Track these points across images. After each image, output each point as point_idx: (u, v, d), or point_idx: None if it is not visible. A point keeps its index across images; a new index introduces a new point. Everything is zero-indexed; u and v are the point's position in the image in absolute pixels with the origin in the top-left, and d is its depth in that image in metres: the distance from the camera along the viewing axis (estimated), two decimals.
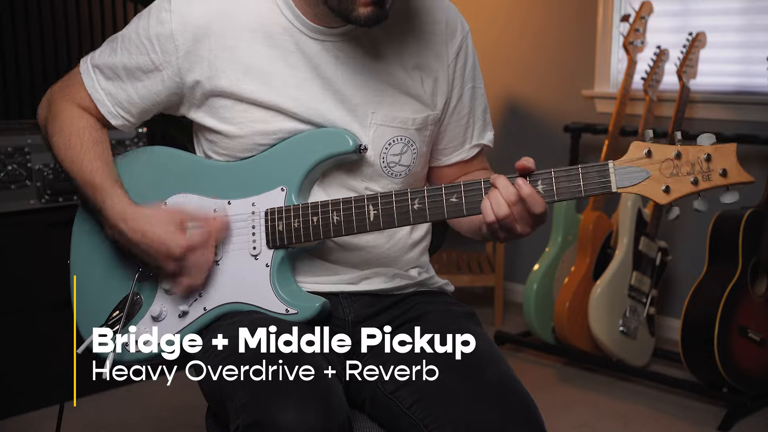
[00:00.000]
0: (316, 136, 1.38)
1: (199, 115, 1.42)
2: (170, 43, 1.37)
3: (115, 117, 1.45)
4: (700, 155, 1.19)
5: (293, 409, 1.16)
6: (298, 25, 1.37)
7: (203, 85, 1.38)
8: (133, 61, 1.41)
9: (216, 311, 1.40)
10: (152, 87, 1.41)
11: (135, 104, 1.44)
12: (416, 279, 1.50)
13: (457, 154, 1.52)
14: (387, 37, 1.40)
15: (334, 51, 1.38)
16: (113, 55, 1.43)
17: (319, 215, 1.35)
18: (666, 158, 1.20)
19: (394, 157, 1.42)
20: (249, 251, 1.39)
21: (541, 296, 3.11)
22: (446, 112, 1.47)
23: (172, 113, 1.47)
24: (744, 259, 2.73)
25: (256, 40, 1.37)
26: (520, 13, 3.77)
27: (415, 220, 1.30)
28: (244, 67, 1.37)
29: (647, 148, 1.20)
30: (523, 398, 1.29)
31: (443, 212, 1.29)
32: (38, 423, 2.64)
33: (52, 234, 2.66)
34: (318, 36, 1.37)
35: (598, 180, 1.21)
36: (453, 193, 1.28)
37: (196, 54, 1.37)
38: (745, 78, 3.16)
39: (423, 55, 1.42)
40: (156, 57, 1.39)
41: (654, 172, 1.20)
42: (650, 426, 2.67)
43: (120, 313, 1.43)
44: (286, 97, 1.37)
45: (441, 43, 1.43)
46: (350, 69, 1.38)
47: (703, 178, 1.19)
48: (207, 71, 1.37)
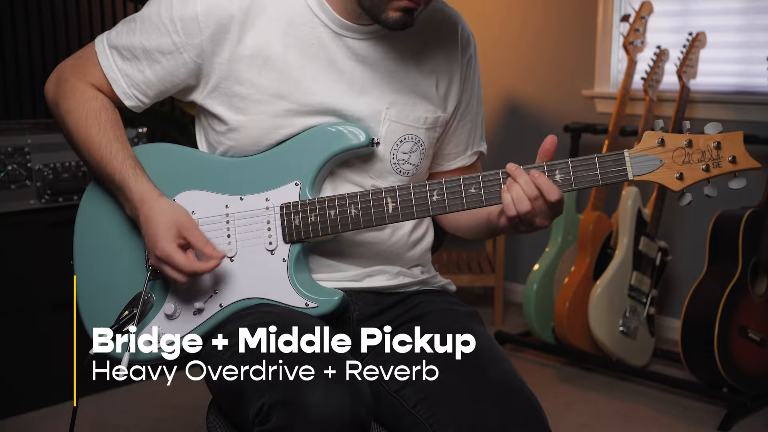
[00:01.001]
0: (328, 130, 1.39)
1: (211, 101, 1.42)
2: (194, 25, 1.37)
3: (129, 98, 1.44)
4: (710, 143, 1.24)
5: (322, 390, 1.17)
6: (324, 19, 1.38)
7: (223, 70, 1.38)
8: (153, 42, 1.40)
9: (233, 307, 1.39)
10: (171, 69, 1.40)
11: (152, 86, 1.43)
12: (419, 277, 1.50)
13: (460, 159, 1.55)
14: (407, 40, 1.43)
15: (354, 48, 1.39)
16: (131, 35, 1.42)
17: (336, 209, 1.35)
18: (678, 147, 1.25)
19: (404, 155, 1.43)
20: (265, 246, 1.39)
21: (541, 296, 3.11)
22: (455, 117, 1.50)
23: (182, 98, 1.46)
24: (744, 259, 2.73)
25: (278, 30, 1.37)
26: (519, 13, 3.77)
27: (434, 212, 1.32)
28: (264, 56, 1.37)
29: (660, 137, 1.25)
30: (527, 397, 1.29)
31: (463, 203, 1.30)
32: (38, 423, 2.64)
33: (52, 234, 2.66)
34: (342, 31, 1.38)
35: (614, 168, 1.26)
36: (471, 184, 1.30)
37: (221, 37, 1.37)
38: (745, 78, 3.16)
39: (440, 60, 1.46)
40: (178, 38, 1.38)
41: (667, 160, 1.25)
42: (650, 426, 2.67)
43: (130, 313, 1.42)
44: (302, 89, 1.38)
45: (456, 50, 1.47)
46: (368, 66, 1.40)
47: (714, 165, 1.25)
48: (228, 56, 1.37)
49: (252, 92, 1.38)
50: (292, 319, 1.32)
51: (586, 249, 3.04)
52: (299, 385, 1.18)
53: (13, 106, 3.13)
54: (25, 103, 3.16)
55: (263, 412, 1.20)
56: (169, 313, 1.41)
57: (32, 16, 3.15)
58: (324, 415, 1.15)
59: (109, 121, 1.43)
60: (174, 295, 1.42)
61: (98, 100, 1.44)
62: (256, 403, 1.21)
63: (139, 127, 2.88)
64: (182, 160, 1.46)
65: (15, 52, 3.12)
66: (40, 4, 3.16)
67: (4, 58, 3.10)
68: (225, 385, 1.33)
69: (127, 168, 1.40)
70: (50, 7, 3.19)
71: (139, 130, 2.87)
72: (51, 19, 3.20)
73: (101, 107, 1.44)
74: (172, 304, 1.41)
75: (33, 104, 3.17)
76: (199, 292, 1.41)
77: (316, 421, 1.15)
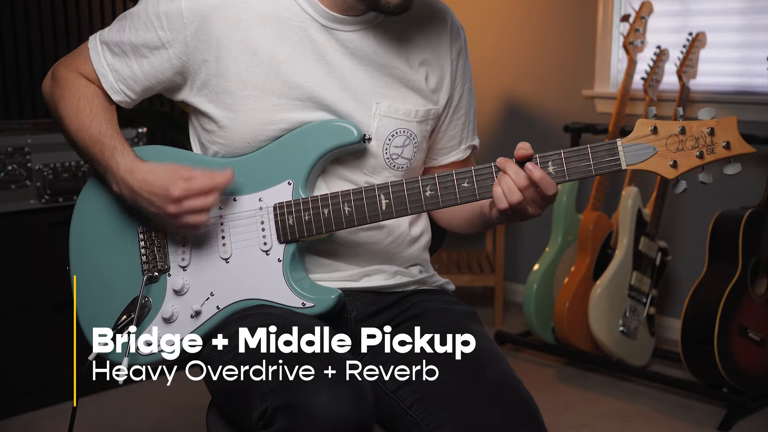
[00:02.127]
0: (319, 128, 1.38)
1: (199, 99, 1.42)
2: (179, 21, 1.37)
3: (116, 92, 1.46)
4: (704, 129, 1.22)
5: (327, 394, 1.17)
6: (312, 12, 1.38)
7: (210, 66, 1.38)
8: (140, 38, 1.41)
9: (230, 309, 1.39)
10: (157, 64, 1.41)
11: (138, 81, 1.44)
12: (417, 277, 1.50)
13: (454, 153, 1.55)
14: (396, 32, 1.43)
15: (344, 41, 1.39)
16: (121, 32, 1.44)
17: (329, 207, 1.35)
18: (671, 134, 1.23)
19: (397, 149, 1.43)
20: (259, 247, 1.39)
21: (541, 296, 3.11)
22: (448, 110, 1.50)
23: (171, 96, 1.47)
24: (744, 259, 2.73)
25: (265, 25, 1.37)
26: (519, 13, 3.77)
27: (428, 207, 1.32)
28: (252, 51, 1.37)
29: (652, 125, 1.24)
30: (524, 397, 1.29)
31: (456, 197, 1.30)
32: (38, 423, 2.64)
33: (52, 234, 2.66)
34: (330, 24, 1.38)
35: (607, 158, 1.24)
36: (464, 178, 1.29)
37: (205, 33, 1.37)
38: (745, 78, 3.16)
39: (430, 52, 1.45)
40: (163, 34, 1.39)
41: (660, 148, 1.23)
42: (650, 426, 2.67)
43: (128, 317, 1.42)
44: (292, 84, 1.38)
45: (446, 42, 1.47)
46: (357, 59, 1.40)
47: (708, 151, 1.22)
48: (215, 51, 1.38)
49: (240, 88, 1.38)
50: (291, 319, 1.32)
51: (586, 249, 3.04)
52: (303, 388, 1.18)
53: (13, 106, 3.13)
54: (25, 103, 3.16)
55: (267, 415, 1.19)
56: (167, 316, 1.41)
57: (32, 16, 3.15)
58: (328, 419, 1.15)
59: (101, 106, 1.45)
60: (171, 298, 1.42)
61: (90, 87, 1.46)
62: (260, 407, 1.21)
63: (139, 127, 2.88)
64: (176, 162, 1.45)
65: (15, 52, 3.12)
66: (40, 4, 3.16)
67: (4, 58, 3.10)
68: (225, 386, 1.32)
69: (115, 144, 1.40)
70: (50, 7, 3.19)
71: (139, 130, 2.87)
72: (51, 19, 3.20)
73: (93, 93, 1.45)
74: (170, 307, 1.41)
75: (33, 104, 3.16)
76: (196, 295, 1.41)
77: (320, 425, 1.15)
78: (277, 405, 1.18)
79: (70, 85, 1.46)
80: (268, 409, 1.19)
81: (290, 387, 1.19)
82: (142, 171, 1.36)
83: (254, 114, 1.39)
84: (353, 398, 1.18)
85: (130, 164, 1.38)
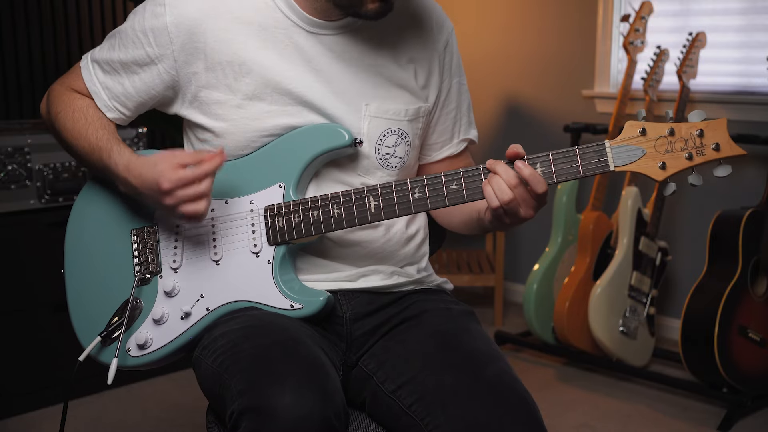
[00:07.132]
0: (311, 131, 1.39)
1: (191, 112, 1.43)
2: (165, 36, 1.38)
3: (110, 110, 1.47)
4: (693, 131, 1.22)
5: (290, 395, 1.16)
6: (295, 19, 1.39)
7: (199, 78, 1.39)
8: (130, 55, 1.42)
9: (219, 311, 1.40)
10: (148, 80, 1.43)
11: (131, 98, 1.45)
12: (414, 276, 1.50)
13: (447, 148, 1.55)
14: (382, 32, 1.43)
15: (329, 44, 1.40)
16: (111, 50, 1.45)
17: (319, 209, 1.35)
18: (660, 136, 1.23)
19: (389, 149, 1.44)
20: (250, 249, 1.39)
21: (541, 296, 3.11)
22: (437, 106, 1.51)
23: (165, 110, 1.48)
24: (744, 259, 2.73)
25: (251, 34, 1.38)
26: (520, 13, 3.77)
27: (416, 209, 1.32)
28: (239, 61, 1.38)
29: (641, 126, 1.24)
30: (523, 396, 1.29)
31: (444, 200, 1.30)
32: (38, 423, 2.64)
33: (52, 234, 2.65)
34: (314, 29, 1.39)
35: (596, 160, 1.24)
36: (453, 180, 1.29)
37: (192, 46, 1.38)
38: (745, 78, 3.16)
39: (416, 49, 1.46)
40: (151, 50, 1.40)
41: (649, 150, 1.23)
42: (650, 426, 2.67)
43: (119, 319, 1.43)
44: (281, 91, 1.38)
45: (431, 37, 1.48)
46: (344, 62, 1.40)
47: (697, 153, 1.22)
48: (203, 64, 1.39)
49: (230, 98, 1.39)
50: (274, 322, 1.32)
51: (586, 249, 3.04)
52: (269, 390, 1.18)
53: (13, 106, 3.13)
54: (25, 103, 3.16)
55: (233, 418, 1.20)
56: (157, 318, 1.42)
57: (32, 16, 3.15)
58: (290, 419, 1.14)
59: (95, 115, 1.46)
60: (162, 299, 1.42)
61: (85, 100, 1.48)
62: (229, 409, 1.21)
63: (139, 127, 2.88)
64: None
65: (15, 52, 3.12)
66: (40, 4, 3.16)
67: (4, 58, 3.10)
68: (207, 389, 1.34)
69: (111, 145, 1.41)
70: (50, 7, 3.19)
71: (139, 130, 2.87)
72: (51, 19, 3.20)
73: (88, 104, 1.47)
74: (161, 309, 1.42)
75: (33, 104, 3.16)
76: (186, 297, 1.41)
77: (283, 426, 1.14)
78: (243, 407, 1.18)
79: (64, 100, 1.48)
80: (234, 412, 1.19)
81: (257, 389, 1.19)
82: (137, 167, 1.36)
83: (246, 122, 1.39)
84: (319, 399, 1.17)
85: (127, 162, 1.38)
